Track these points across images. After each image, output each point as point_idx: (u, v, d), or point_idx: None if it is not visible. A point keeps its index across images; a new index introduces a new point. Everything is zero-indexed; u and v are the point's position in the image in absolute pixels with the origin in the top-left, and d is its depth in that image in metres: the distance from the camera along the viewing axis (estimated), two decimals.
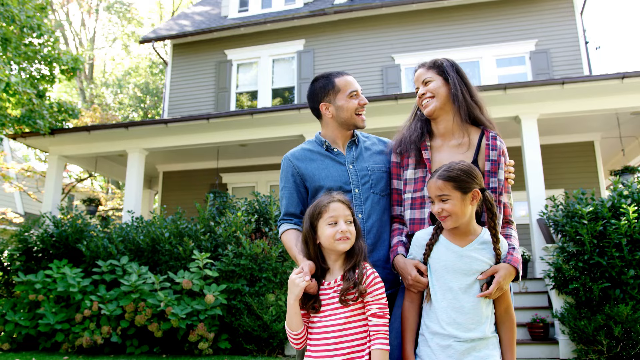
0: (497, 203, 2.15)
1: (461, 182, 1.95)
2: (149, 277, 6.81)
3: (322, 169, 2.36)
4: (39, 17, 9.47)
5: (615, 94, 7.76)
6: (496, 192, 2.17)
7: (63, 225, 8.10)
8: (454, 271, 1.98)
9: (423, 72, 2.34)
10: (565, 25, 10.76)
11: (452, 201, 1.94)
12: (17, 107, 9.43)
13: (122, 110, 24.10)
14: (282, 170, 2.45)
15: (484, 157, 2.22)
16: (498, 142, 2.24)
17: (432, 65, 2.33)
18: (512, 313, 2.04)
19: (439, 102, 2.26)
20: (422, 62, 2.40)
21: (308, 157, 2.42)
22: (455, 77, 2.28)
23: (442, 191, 1.95)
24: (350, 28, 11.85)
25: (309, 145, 2.50)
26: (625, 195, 6.09)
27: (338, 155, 2.41)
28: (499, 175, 2.19)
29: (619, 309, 5.53)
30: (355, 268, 1.95)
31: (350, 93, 2.40)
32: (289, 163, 2.43)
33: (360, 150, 2.44)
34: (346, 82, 2.41)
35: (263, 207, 7.40)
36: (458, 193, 1.94)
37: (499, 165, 2.20)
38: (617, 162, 11.08)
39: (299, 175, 2.39)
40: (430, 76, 2.31)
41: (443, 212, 1.95)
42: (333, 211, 1.98)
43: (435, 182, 1.97)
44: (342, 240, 1.96)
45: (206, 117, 8.94)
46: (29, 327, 6.89)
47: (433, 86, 2.28)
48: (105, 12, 25.48)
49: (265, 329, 6.46)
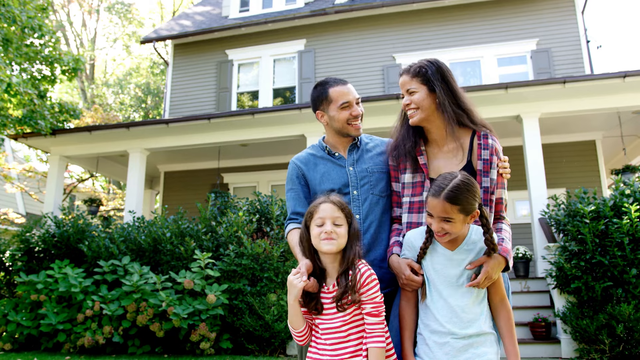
0: (488, 202, 2.16)
1: (467, 205, 1.91)
2: (150, 277, 6.81)
3: (323, 173, 2.42)
4: (40, 17, 9.48)
5: (616, 92, 7.75)
6: (488, 191, 2.17)
7: (64, 226, 8.11)
8: (445, 273, 2.00)
9: (407, 80, 2.26)
10: (566, 24, 10.75)
11: (453, 223, 1.92)
12: (19, 108, 9.45)
13: (123, 111, 24.11)
14: (288, 174, 2.51)
15: (476, 156, 2.22)
16: (490, 140, 2.23)
17: (417, 73, 2.24)
18: (507, 303, 2.05)
19: (424, 113, 2.23)
20: (406, 67, 2.30)
21: (312, 161, 2.48)
22: (441, 86, 2.21)
23: (447, 214, 1.90)
24: (351, 28, 11.85)
25: (312, 150, 2.55)
26: (627, 194, 6.08)
27: (339, 159, 2.45)
28: (491, 175, 2.18)
29: (621, 308, 5.52)
30: (348, 272, 1.95)
31: (342, 104, 2.39)
32: (295, 166, 2.49)
33: (362, 152, 2.47)
34: (339, 93, 2.41)
35: (264, 207, 7.40)
36: (461, 215, 1.92)
37: (491, 165, 2.19)
38: (619, 161, 11.07)
39: (303, 176, 2.45)
40: (414, 87, 2.23)
41: (442, 231, 1.94)
42: (322, 212, 1.99)
43: (442, 203, 1.90)
44: (326, 241, 1.96)
45: (207, 117, 8.95)
46: (30, 327, 6.90)
47: (417, 98, 2.22)
48: (106, 13, 25.50)
49: (267, 328, 6.47)
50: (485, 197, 2.15)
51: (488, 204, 2.16)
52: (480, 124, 2.27)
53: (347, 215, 2.02)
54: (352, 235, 2.00)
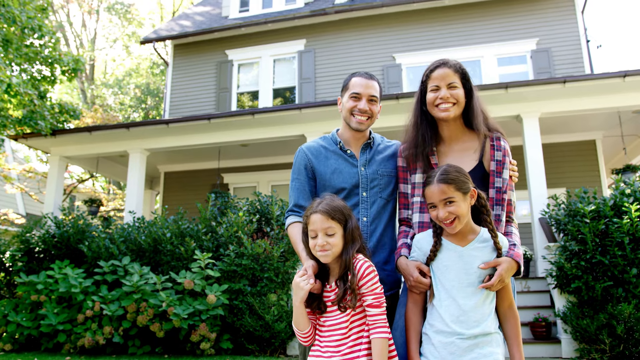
0: (501, 201, 2.17)
1: (461, 183, 1.98)
2: (150, 277, 6.81)
3: (334, 169, 2.37)
4: (39, 18, 9.48)
5: (616, 92, 7.74)
6: (501, 191, 2.18)
7: (65, 226, 8.11)
8: (455, 270, 2.00)
9: (450, 73, 2.23)
10: (566, 23, 10.75)
11: (456, 203, 1.96)
12: (19, 108, 9.44)
13: (123, 111, 24.11)
14: (295, 162, 2.46)
15: (488, 157, 2.24)
16: (502, 142, 2.26)
17: (457, 70, 2.25)
18: (515, 309, 2.06)
19: (459, 110, 2.24)
20: (444, 60, 2.29)
21: (322, 154, 2.42)
22: (474, 90, 2.27)
23: (446, 194, 1.96)
24: (351, 28, 11.85)
25: (324, 142, 2.49)
26: (628, 193, 6.08)
27: (352, 157, 2.41)
28: (504, 175, 2.20)
29: (621, 308, 5.52)
30: (347, 274, 1.95)
31: (352, 94, 2.40)
32: (304, 156, 2.43)
33: (374, 154, 2.44)
34: (355, 83, 2.42)
35: (264, 207, 7.40)
36: (460, 194, 1.97)
37: (504, 165, 2.21)
38: (619, 160, 11.07)
39: (311, 169, 2.40)
40: (456, 81, 2.23)
41: (450, 216, 1.96)
42: (313, 224, 1.99)
43: (438, 186, 1.97)
44: (320, 253, 1.98)
45: (207, 117, 8.94)
46: (31, 328, 6.90)
47: (458, 93, 2.22)
48: (106, 13, 25.49)
49: (267, 329, 6.46)
50: (498, 196, 2.17)
51: (501, 203, 2.17)
52: (493, 128, 2.30)
53: (340, 220, 1.99)
54: (347, 237, 2.00)
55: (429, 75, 2.27)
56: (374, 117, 2.43)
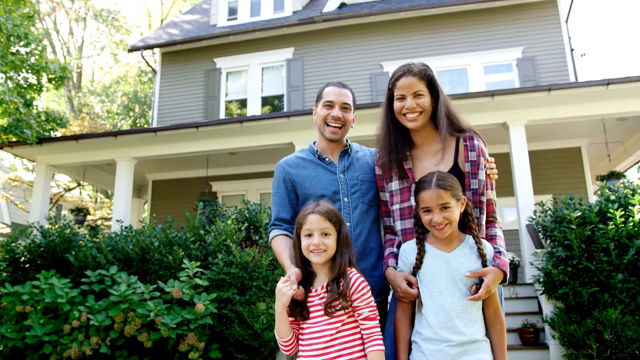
0: (478, 204, 2.15)
1: (456, 190, 2.02)
2: (138, 286, 6.74)
3: (312, 177, 2.38)
4: (25, 25, 9.41)
5: (600, 100, 7.86)
6: (477, 193, 2.16)
7: (51, 235, 8.01)
8: (442, 276, 2.01)
9: (415, 82, 2.19)
10: (551, 32, 10.91)
11: (451, 209, 1.99)
12: (4, 117, 9.35)
13: (111, 119, 23.96)
14: (274, 177, 2.49)
15: (463, 158, 2.21)
16: (475, 141, 2.23)
17: (423, 77, 2.20)
18: (501, 315, 2.07)
19: (426, 117, 2.23)
20: (408, 67, 2.23)
21: (300, 164, 2.45)
22: (441, 94, 2.23)
23: (443, 200, 1.98)
24: (339, 36, 11.92)
25: (302, 153, 2.53)
26: (612, 200, 6.16)
27: (330, 164, 2.43)
28: (479, 176, 2.17)
29: (608, 313, 5.57)
30: (340, 279, 1.96)
31: (325, 102, 2.43)
32: (282, 169, 2.47)
33: (352, 160, 2.46)
34: (327, 92, 2.45)
35: (253, 215, 7.38)
36: (454, 200, 2.00)
37: (479, 166, 2.18)
38: (604, 167, 11.22)
39: (290, 181, 2.41)
40: (422, 89, 2.19)
41: (444, 221, 1.98)
42: (309, 223, 2.00)
43: (436, 191, 1.99)
44: (314, 253, 1.99)
45: (195, 125, 8.92)
46: (16, 340, 6.78)
47: (424, 102, 2.20)
48: (93, 21, 25.38)
49: (256, 337, 6.43)
50: (475, 199, 2.15)
51: (478, 205, 2.15)
52: (466, 128, 2.28)
53: (335, 223, 2.02)
54: (341, 241, 2.01)
55: (395, 83, 2.23)
56: (347, 125, 2.44)
